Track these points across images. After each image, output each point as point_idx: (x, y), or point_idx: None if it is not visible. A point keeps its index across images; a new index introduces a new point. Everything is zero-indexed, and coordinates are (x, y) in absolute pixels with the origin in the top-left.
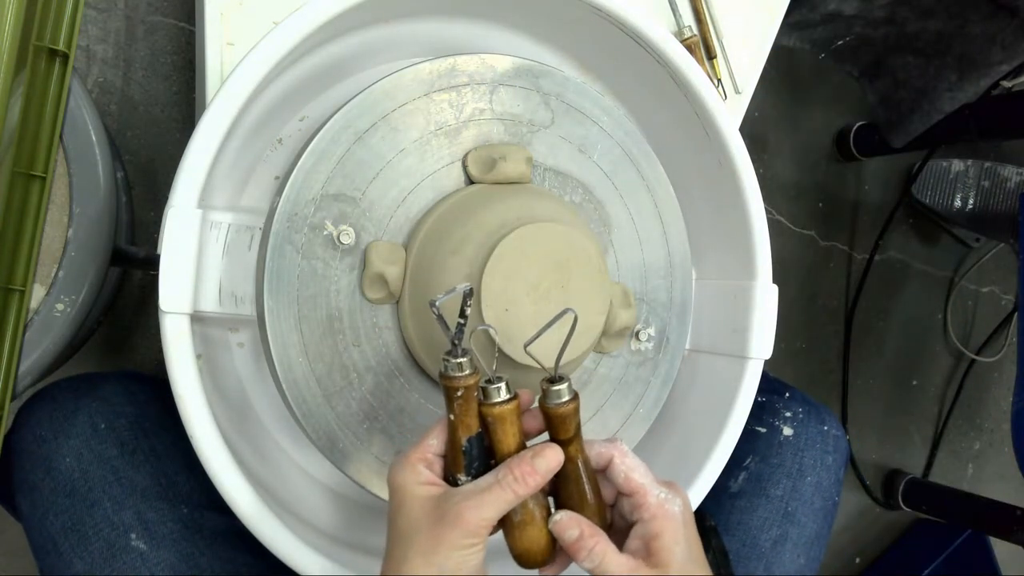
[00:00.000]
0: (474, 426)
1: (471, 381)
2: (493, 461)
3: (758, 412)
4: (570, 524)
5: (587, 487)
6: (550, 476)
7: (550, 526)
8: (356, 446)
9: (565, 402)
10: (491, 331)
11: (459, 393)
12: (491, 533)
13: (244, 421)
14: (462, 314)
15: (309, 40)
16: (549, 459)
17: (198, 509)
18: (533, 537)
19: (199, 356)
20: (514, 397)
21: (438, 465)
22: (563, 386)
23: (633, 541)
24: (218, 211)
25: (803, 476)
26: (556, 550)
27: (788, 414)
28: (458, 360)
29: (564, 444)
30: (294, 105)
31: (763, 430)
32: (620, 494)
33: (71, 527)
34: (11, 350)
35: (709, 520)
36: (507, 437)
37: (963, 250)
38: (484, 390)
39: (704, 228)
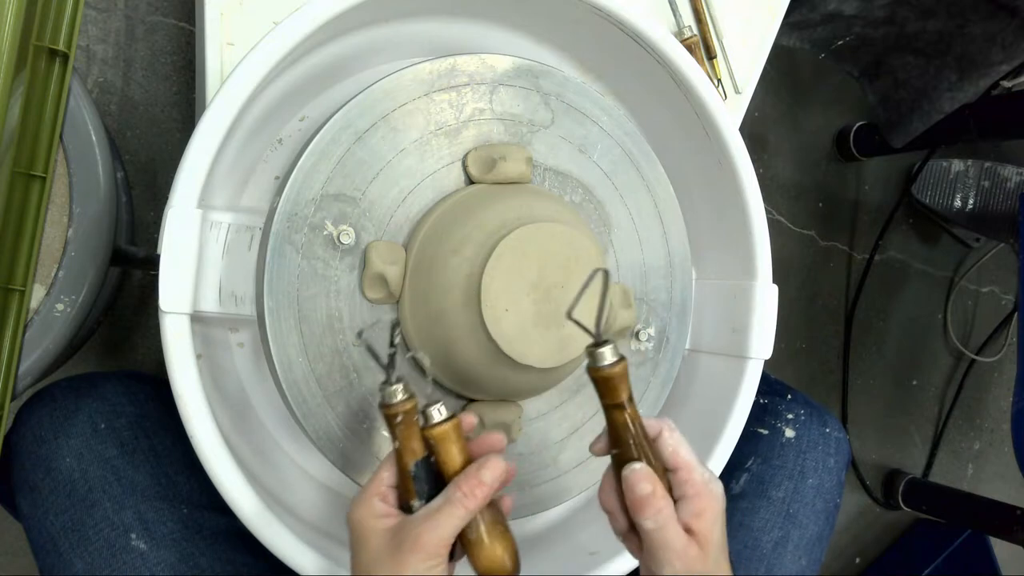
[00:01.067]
0: (419, 450)
1: (408, 406)
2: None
3: (760, 414)
4: (646, 478)
5: (648, 450)
6: (497, 485)
7: (625, 472)
8: (356, 446)
9: (611, 364)
10: (419, 356)
11: (399, 419)
12: (455, 558)
13: (244, 421)
14: (391, 343)
15: (309, 40)
16: (494, 469)
17: (198, 509)
18: (491, 555)
19: (199, 356)
20: (452, 416)
21: (392, 496)
22: (606, 348)
23: None
24: (218, 211)
25: (805, 478)
26: (519, 564)
27: (790, 416)
28: (392, 387)
29: (618, 408)
30: (294, 105)
31: (765, 432)
32: (664, 469)
33: (71, 527)
34: (11, 350)
35: None
36: (451, 457)
37: (963, 250)
38: (424, 413)
39: (704, 228)
